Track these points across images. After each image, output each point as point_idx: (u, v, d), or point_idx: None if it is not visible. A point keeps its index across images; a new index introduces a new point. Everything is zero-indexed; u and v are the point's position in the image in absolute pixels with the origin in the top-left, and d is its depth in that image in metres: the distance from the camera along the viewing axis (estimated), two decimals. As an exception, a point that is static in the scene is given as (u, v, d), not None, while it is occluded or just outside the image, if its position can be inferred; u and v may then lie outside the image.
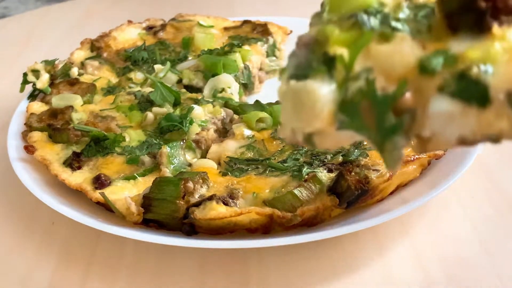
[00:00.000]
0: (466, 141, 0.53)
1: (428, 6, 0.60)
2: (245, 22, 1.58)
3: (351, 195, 0.89)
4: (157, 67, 1.36)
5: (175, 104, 1.20)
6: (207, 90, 1.27)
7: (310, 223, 0.90)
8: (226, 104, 1.22)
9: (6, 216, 1.06)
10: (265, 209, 0.87)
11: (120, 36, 1.52)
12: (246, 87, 1.37)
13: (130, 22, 1.59)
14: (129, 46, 1.49)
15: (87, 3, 2.15)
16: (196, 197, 0.92)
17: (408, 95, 0.53)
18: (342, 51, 0.55)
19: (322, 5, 0.62)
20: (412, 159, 0.95)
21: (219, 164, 1.04)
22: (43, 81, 1.32)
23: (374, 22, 0.57)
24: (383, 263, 0.91)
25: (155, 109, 1.17)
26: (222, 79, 1.28)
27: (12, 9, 2.31)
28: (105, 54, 1.45)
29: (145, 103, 1.20)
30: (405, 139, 0.54)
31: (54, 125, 1.13)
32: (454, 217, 1.01)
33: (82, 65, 1.41)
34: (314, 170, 0.95)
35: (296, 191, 0.89)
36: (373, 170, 0.93)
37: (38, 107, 1.24)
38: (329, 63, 0.55)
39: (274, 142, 1.07)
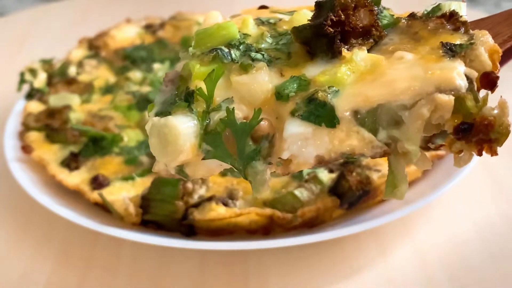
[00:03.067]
0: (324, 160, 0.57)
1: (289, 34, 0.64)
2: (245, 20, 1.57)
3: (352, 195, 0.88)
4: (156, 66, 1.35)
5: (174, 103, 1.18)
6: None
7: (311, 224, 0.89)
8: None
9: (3, 217, 1.05)
10: (265, 210, 0.87)
11: (119, 35, 1.51)
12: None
13: (128, 20, 1.58)
14: (127, 45, 1.48)
15: (85, 1, 2.14)
16: (195, 198, 0.91)
17: (264, 122, 0.57)
18: (201, 85, 0.59)
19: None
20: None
21: (218, 164, 1.03)
22: (40, 80, 1.30)
23: (235, 54, 0.61)
24: (385, 264, 0.90)
25: (153, 108, 1.16)
26: None
27: (9, 8, 2.30)
28: (103, 53, 1.44)
29: (144, 103, 1.19)
30: (265, 163, 0.58)
31: (52, 125, 1.12)
32: (457, 218, 1.00)
33: (80, 64, 1.39)
34: (315, 170, 0.94)
35: (296, 192, 0.89)
36: (375, 170, 0.92)
37: (36, 106, 1.23)
38: (189, 98, 0.59)
39: (274, 142, 1.06)
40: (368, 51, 0.60)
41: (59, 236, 0.99)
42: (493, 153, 0.56)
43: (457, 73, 0.54)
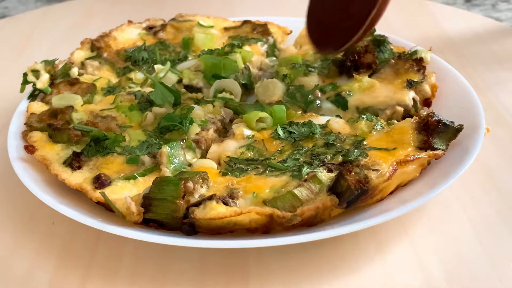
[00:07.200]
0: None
1: (329, 59, 1.32)
2: (245, 22, 1.58)
3: (351, 195, 0.89)
4: (157, 67, 1.36)
5: (175, 104, 1.20)
6: (212, 93, 1.28)
7: (310, 223, 0.90)
8: (226, 104, 1.22)
9: (6, 216, 1.07)
10: (265, 209, 0.87)
11: (120, 36, 1.52)
12: (246, 87, 1.37)
13: (130, 22, 1.59)
14: (129, 46, 1.49)
15: (87, 3, 2.15)
16: (196, 197, 0.92)
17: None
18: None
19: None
20: (411, 159, 0.95)
21: (219, 164, 1.04)
22: (43, 81, 1.31)
23: (301, 67, 1.31)
24: (382, 263, 0.91)
25: (155, 109, 1.17)
26: (228, 84, 1.29)
27: (12, 9, 2.32)
28: (105, 54, 1.45)
29: (145, 103, 1.20)
30: None
31: (54, 125, 1.13)
32: (454, 217, 1.01)
33: (82, 65, 1.41)
34: (314, 170, 0.95)
35: (296, 191, 0.90)
36: (373, 170, 0.93)
37: (38, 107, 1.24)
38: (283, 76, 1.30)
39: (274, 142, 1.07)
40: (370, 75, 1.24)
41: (62, 235, 1.00)
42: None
43: (408, 98, 1.16)
